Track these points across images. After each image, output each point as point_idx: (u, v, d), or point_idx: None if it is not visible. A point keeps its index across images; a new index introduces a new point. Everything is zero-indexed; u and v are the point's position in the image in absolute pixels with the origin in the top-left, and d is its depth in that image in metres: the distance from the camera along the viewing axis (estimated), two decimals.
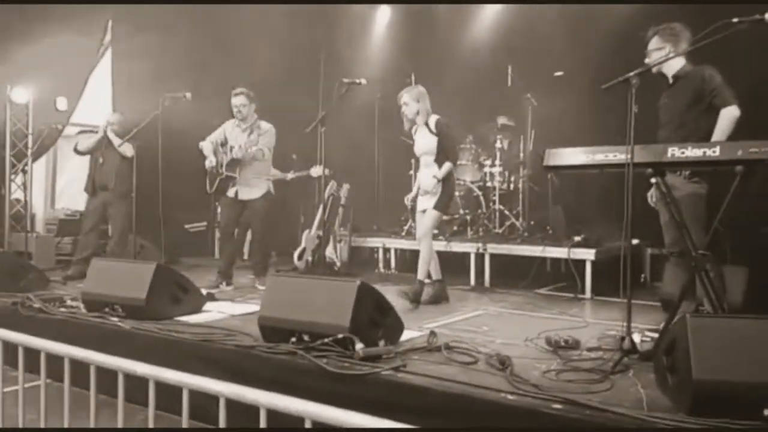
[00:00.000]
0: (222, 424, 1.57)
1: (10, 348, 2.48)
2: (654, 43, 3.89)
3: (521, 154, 6.89)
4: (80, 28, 7.46)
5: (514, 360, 3.01)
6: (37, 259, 6.81)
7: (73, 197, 8.94)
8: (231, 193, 5.55)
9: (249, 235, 7.34)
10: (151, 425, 1.94)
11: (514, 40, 7.20)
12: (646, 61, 3.86)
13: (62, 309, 4.28)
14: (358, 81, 4.75)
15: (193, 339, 3.53)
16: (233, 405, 1.61)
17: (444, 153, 4.87)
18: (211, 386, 1.56)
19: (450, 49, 7.59)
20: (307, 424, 1.40)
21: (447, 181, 4.90)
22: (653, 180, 3.39)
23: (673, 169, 3.64)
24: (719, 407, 2.25)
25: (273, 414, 1.50)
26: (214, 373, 2.56)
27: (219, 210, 7.19)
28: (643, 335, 3.50)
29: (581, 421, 2.34)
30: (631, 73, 3.19)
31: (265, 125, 5.57)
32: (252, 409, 1.52)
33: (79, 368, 2.21)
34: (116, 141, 6.10)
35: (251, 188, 5.55)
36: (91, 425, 2.25)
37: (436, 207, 4.89)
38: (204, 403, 1.76)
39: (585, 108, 6.09)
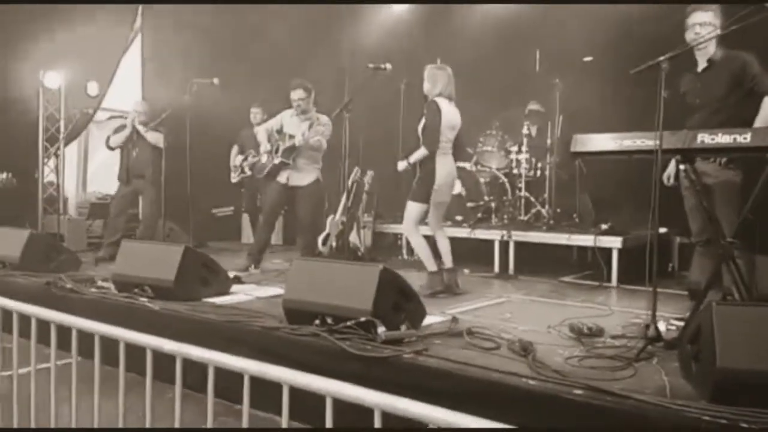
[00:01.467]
0: (245, 402, 1.60)
1: (42, 326, 2.57)
2: (701, 17, 3.64)
3: (548, 141, 6.82)
4: (111, 13, 7.60)
5: (537, 347, 3.01)
6: (69, 241, 6.99)
7: (105, 181, 9.14)
8: (282, 178, 5.65)
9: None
10: (178, 403, 1.99)
11: (543, 25, 7.11)
12: (692, 35, 3.65)
13: (93, 289, 4.40)
14: (383, 66, 4.73)
15: (219, 319, 3.60)
16: (257, 385, 1.65)
17: (423, 138, 4.58)
18: (235, 363, 1.59)
19: (477, 34, 7.50)
20: (329, 403, 1.43)
21: (423, 169, 4.61)
22: (682, 167, 3.34)
23: (707, 156, 3.58)
24: (742, 396, 2.22)
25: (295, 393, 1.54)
26: (238, 352, 2.61)
27: (259, 196, 7.33)
28: (668, 323, 3.46)
29: (602, 408, 2.33)
30: (663, 57, 3.13)
31: (324, 118, 5.66)
32: (276, 390, 1.55)
33: (109, 346, 2.28)
34: (149, 135, 6.21)
35: (302, 175, 5.64)
36: (120, 402, 2.32)
37: (412, 197, 4.67)
38: (229, 383, 1.81)
39: (614, 93, 5.99)
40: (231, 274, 4.82)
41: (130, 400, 2.28)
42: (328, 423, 1.43)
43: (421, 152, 4.60)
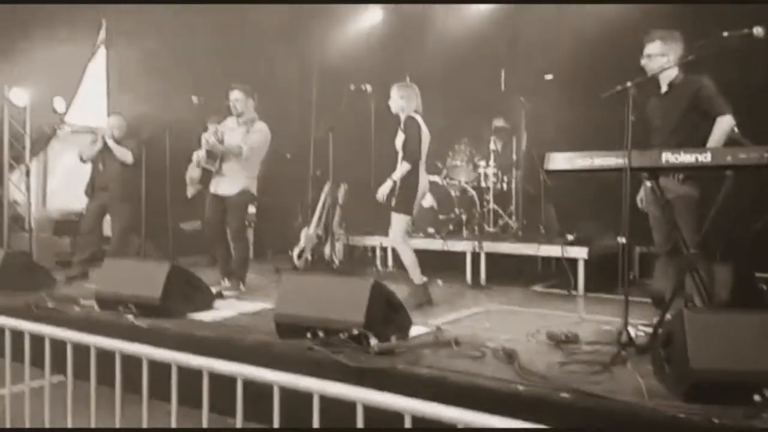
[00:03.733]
0: (276, 412, 1.72)
1: (31, 344, 2.61)
2: (656, 48, 3.95)
3: (514, 155, 7.10)
4: (76, 28, 7.54)
5: (520, 354, 3.20)
6: (37, 259, 6.87)
7: (66, 197, 9.00)
8: (211, 187, 5.47)
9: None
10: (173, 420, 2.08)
11: (507, 44, 7.42)
12: (643, 63, 3.97)
13: (76, 308, 4.39)
14: (363, 87, 4.90)
15: (210, 335, 3.67)
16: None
17: (405, 152, 4.76)
18: (265, 375, 1.71)
19: (444, 52, 7.76)
20: (359, 410, 1.56)
21: (405, 182, 4.78)
22: (648, 183, 3.61)
23: (668, 174, 3.85)
24: (713, 394, 2.46)
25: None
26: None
27: None
28: (637, 329, 3.70)
29: (588, 408, 2.53)
30: (630, 83, 3.40)
31: (259, 124, 5.48)
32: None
33: (100, 364, 2.36)
34: (116, 150, 6.21)
35: (228, 183, 5.39)
36: (117, 418, 2.39)
37: (397, 210, 4.80)
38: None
39: (576, 111, 6.31)
40: (214, 290, 4.88)
41: (127, 413, 2.36)
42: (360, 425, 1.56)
43: (405, 167, 4.75)
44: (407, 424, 1.49)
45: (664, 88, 4.11)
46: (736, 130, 3.84)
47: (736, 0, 5.38)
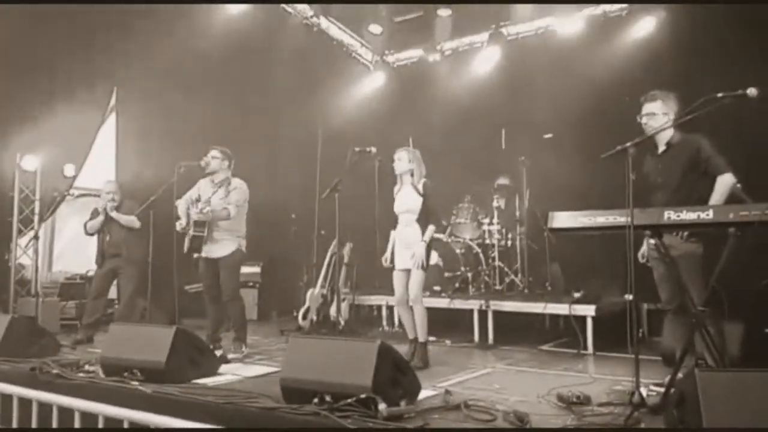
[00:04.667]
0: None
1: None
2: (657, 107, 4.06)
3: (517, 212, 7.15)
4: (88, 95, 7.78)
5: (531, 416, 3.15)
6: (43, 323, 6.84)
7: (72, 261, 9.05)
8: (204, 252, 5.41)
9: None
10: None
11: (506, 105, 7.61)
12: (643, 121, 4.07)
13: (80, 374, 4.34)
14: (368, 149, 5.01)
15: (216, 401, 3.61)
16: None
17: (428, 215, 4.98)
18: None
19: (445, 113, 7.96)
20: None
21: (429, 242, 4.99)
22: (652, 241, 3.63)
23: (671, 231, 3.88)
24: None
25: None
26: None
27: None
28: (648, 389, 3.65)
29: None
30: (630, 144, 3.47)
31: (236, 182, 5.50)
32: None
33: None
34: (121, 219, 6.29)
35: (219, 246, 5.40)
36: None
37: (420, 266, 4.90)
38: None
39: (575, 167, 6.41)
40: (217, 353, 4.85)
41: None
42: None
43: (432, 229, 4.96)
44: None
45: (661, 148, 4.18)
46: (738, 185, 3.88)
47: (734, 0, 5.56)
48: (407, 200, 5.04)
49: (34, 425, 2.39)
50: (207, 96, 8.11)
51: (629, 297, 5.90)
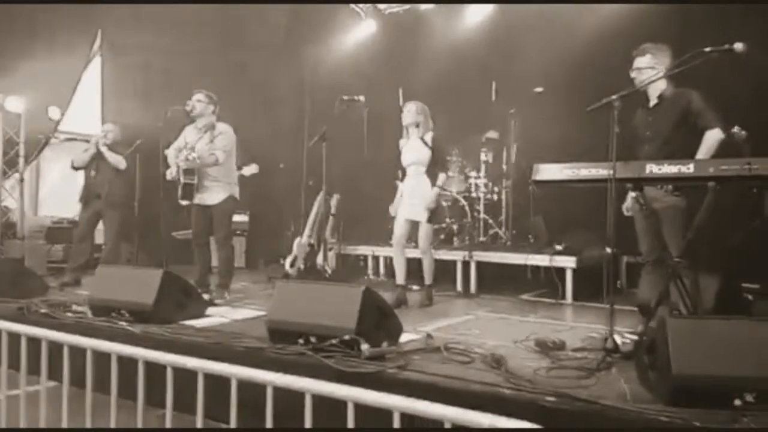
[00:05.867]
0: (269, 416, 1.77)
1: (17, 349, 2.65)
2: (646, 61, 4.07)
3: (504, 166, 7.19)
4: (72, 38, 7.62)
5: (508, 360, 3.26)
6: (30, 266, 6.88)
7: (57, 204, 9.04)
8: (196, 200, 5.43)
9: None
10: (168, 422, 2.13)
11: (499, 57, 7.53)
12: (633, 75, 4.08)
13: (69, 314, 4.41)
14: (356, 98, 5.00)
15: (203, 341, 3.71)
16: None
17: (437, 165, 5.26)
18: (258, 375, 1.77)
19: (435, 64, 7.87)
20: (350, 407, 1.62)
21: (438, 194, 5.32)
22: (633, 193, 3.70)
23: (655, 184, 3.94)
24: (695, 398, 2.52)
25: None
26: None
27: None
28: (623, 337, 3.77)
29: (572, 412, 2.59)
30: (615, 96, 3.49)
31: (221, 126, 5.47)
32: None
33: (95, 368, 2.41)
34: (109, 156, 6.25)
35: (210, 193, 5.44)
36: (112, 420, 2.43)
37: (429, 220, 5.26)
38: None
39: (565, 123, 6.40)
40: (205, 297, 4.92)
41: (121, 422, 2.40)
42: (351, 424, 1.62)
43: (444, 177, 5.29)
44: (396, 422, 1.55)
45: (653, 101, 4.19)
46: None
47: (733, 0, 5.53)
48: (415, 152, 5.24)
49: (23, 361, 2.44)
50: (194, 41, 7.98)
51: (609, 251, 6.08)
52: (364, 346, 3.20)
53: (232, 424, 1.93)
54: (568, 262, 5.78)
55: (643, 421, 2.47)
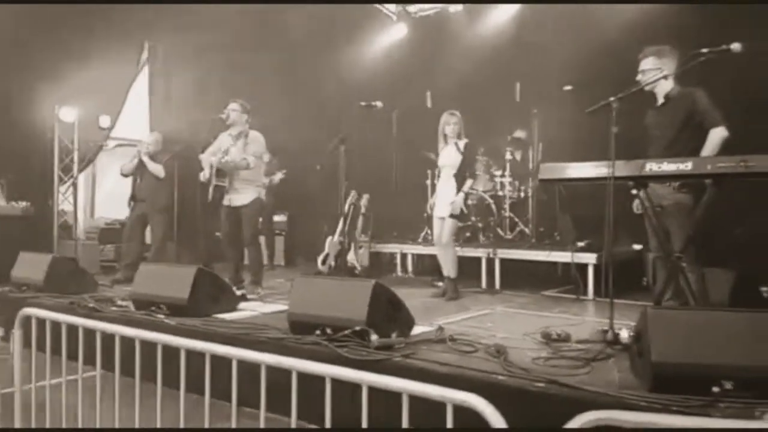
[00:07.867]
0: (294, 400, 2.07)
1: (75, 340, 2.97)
2: (649, 63, 4.21)
3: (530, 165, 7.31)
4: (121, 49, 8.16)
5: (510, 350, 3.45)
6: (83, 264, 7.41)
7: (112, 207, 9.61)
8: (225, 201, 5.76)
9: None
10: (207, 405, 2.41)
11: (522, 57, 7.65)
12: (639, 78, 4.21)
13: (113, 308, 4.83)
14: (374, 104, 5.23)
15: (230, 332, 4.03)
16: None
17: (465, 170, 5.70)
18: (284, 362, 2.07)
19: (462, 65, 8.04)
20: (365, 392, 1.88)
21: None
22: (634, 191, 3.83)
23: (662, 182, 4.04)
24: (675, 385, 2.67)
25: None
26: None
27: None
28: (630, 330, 3.90)
29: (559, 397, 2.78)
30: (613, 98, 3.63)
31: (253, 134, 5.79)
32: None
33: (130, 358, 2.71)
34: (150, 165, 6.76)
35: (239, 195, 5.74)
36: (159, 404, 2.72)
37: (452, 215, 5.63)
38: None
39: (588, 122, 6.45)
40: (238, 293, 5.27)
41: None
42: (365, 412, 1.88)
43: (470, 182, 5.79)
44: (404, 402, 1.81)
45: (660, 101, 4.30)
46: None
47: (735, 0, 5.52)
48: (450, 157, 5.72)
49: (80, 349, 2.79)
50: (230, 50, 8.39)
51: (638, 247, 6.12)
52: (374, 337, 3.45)
53: (262, 409, 2.19)
54: (589, 258, 5.88)
55: (623, 406, 2.64)
